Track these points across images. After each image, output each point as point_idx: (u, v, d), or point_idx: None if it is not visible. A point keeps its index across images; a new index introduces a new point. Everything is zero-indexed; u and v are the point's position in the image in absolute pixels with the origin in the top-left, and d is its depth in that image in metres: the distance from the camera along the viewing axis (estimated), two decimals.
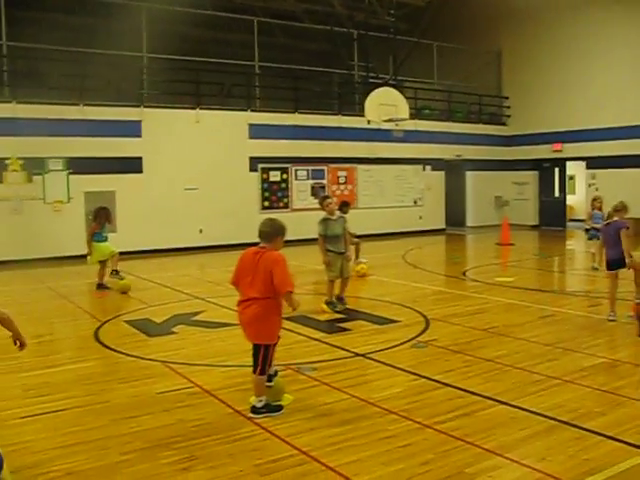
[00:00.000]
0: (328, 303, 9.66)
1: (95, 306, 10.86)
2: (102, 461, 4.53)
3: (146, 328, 8.76)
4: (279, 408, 5.44)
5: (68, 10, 21.61)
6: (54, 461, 4.54)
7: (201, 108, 19.35)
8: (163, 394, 5.96)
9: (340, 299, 9.79)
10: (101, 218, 12.28)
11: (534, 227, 25.27)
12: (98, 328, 8.84)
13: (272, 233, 5.47)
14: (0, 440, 4.75)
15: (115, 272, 12.28)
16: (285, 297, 5.32)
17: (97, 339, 8.24)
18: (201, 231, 19.02)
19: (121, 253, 12.74)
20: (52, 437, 4.98)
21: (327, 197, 10.34)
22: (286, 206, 21.00)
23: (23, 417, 5.42)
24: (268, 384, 5.53)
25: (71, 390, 6.20)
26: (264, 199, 20.62)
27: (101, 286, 12.18)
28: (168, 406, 5.62)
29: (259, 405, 5.38)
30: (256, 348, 5.40)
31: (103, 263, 12.35)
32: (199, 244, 18.76)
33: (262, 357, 5.34)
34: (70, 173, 17.20)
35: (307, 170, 21.47)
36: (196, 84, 19.58)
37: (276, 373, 5.71)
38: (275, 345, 5.50)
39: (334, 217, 9.74)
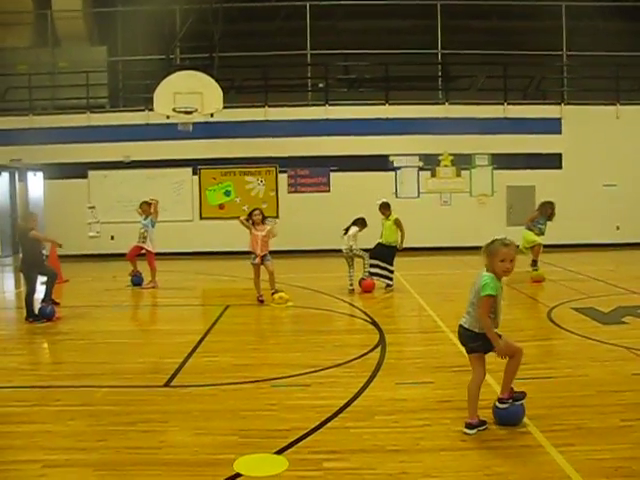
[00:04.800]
0: None
1: (537, 293, 11.64)
2: (604, 423, 5.07)
3: (595, 316, 9.15)
4: None
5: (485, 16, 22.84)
6: (559, 417, 5.21)
7: (621, 104, 19.06)
8: (638, 375, 6.31)
9: None
10: (544, 211, 13.23)
11: None
12: (548, 312, 9.53)
13: None
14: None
15: (533, 262, 12.89)
16: None
17: (551, 321, 8.94)
18: (618, 228, 18.76)
19: (544, 246, 13.27)
20: (548, 398, 5.68)
21: None
22: None
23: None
24: None
25: (548, 362, 6.97)
26: None
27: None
28: None
29: None
30: None
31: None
32: (614, 241, 18.53)
33: None
34: (494, 168, 18.40)
35: None
36: (616, 79, 19.31)
37: None
38: None
39: None
